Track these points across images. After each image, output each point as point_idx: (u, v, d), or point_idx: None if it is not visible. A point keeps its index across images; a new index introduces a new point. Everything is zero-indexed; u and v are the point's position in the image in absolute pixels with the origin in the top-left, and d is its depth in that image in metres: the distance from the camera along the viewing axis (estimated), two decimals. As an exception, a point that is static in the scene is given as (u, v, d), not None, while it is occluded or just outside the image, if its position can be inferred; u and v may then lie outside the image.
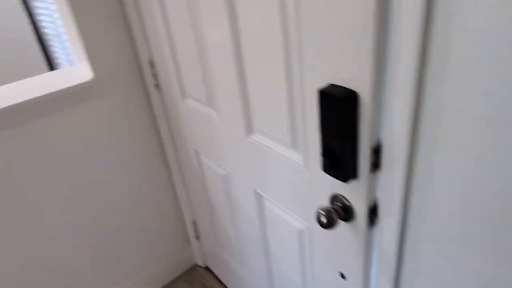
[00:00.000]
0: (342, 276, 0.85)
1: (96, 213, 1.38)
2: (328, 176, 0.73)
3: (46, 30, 2.59)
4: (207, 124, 1.12)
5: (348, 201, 0.71)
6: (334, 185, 0.73)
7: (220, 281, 1.67)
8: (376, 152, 0.63)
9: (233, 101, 0.93)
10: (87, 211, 1.35)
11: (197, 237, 1.67)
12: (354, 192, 0.69)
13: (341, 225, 0.76)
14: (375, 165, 0.65)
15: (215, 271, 1.69)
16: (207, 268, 1.74)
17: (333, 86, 0.62)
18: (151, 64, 1.28)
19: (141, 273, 1.60)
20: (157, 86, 1.32)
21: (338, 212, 0.72)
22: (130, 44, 1.28)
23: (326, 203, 0.78)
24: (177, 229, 1.65)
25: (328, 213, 0.69)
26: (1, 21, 2.36)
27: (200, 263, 1.75)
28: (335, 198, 0.74)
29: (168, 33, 1.09)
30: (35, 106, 1.15)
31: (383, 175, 0.64)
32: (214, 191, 1.31)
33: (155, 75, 1.30)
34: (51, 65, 2.75)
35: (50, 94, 1.15)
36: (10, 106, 1.09)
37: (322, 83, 0.65)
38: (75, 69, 1.33)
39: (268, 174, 0.94)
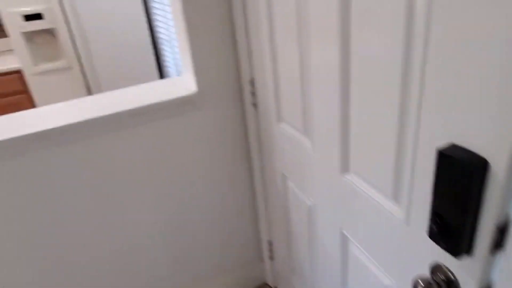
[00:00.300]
0: None
1: (180, 216, 1.44)
2: (433, 242, 0.64)
3: (160, 35, 2.82)
4: (299, 152, 1.09)
5: (454, 277, 0.62)
6: (438, 254, 0.64)
7: (287, 306, 1.62)
8: (502, 230, 0.54)
9: (331, 135, 0.89)
10: (172, 213, 1.42)
11: (271, 257, 1.65)
12: (463, 269, 0.60)
13: (441, 299, 0.66)
14: (497, 244, 0.55)
15: (284, 294, 1.65)
16: (276, 290, 1.71)
17: (456, 147, 0.54)
18: (252, 82, 1.30)
19: (212, 281, 1.63)
20: (255, 105, 1.33)
21: (440, 287, 0.63)
22: (234, 61, 1.31)
23: (425, 270, 0.69)
24: (252, 245, 1.65)
25: (428, 285, 0.61)
26: (122, 22, 2.62)
27: (270, 283, 1.72)
28: (437, 268, 0.65)
29: (273, 53, 1.08)
30: (141, 113, 1.23)
31: (505, 256, 0.54)
32: (296, 217, 1.27)
33: (254, 94, 1.31)
34: (160, 68, 2.98)
35: (157, 104, 1.23)
36: (120, 112, 1.19)
37: (442, 141, 0.57)
38: (180, 80, 1.40)
39: (359, 218, 0.88)
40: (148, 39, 2.75)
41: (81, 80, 2.62)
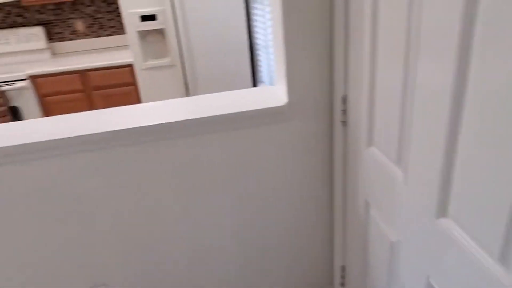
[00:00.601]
0: None
1: (254, 226, 1.43)
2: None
3: (257, 40, 2.88)
4: (388, 182, 1.00)
5: None
6: None
7: None
8: None
9: (430, 170, 0.78)
10: (247, 221, 1.42)
11: (342, 284, 1.55)
12: None
13: None
14: None
15: (351, 326, 1.54)
16: (343, 319, 1.60)
17: None
18: (344, 99, 1.23)
19: (277, 296, 1.59)
20: (344, 123, 1.26)
21: None
22: (328, 75, 1.26)
23: None
24: (323, 268, 1.58)
25: None
26: (224, 26, 2.73)
27: (337, 309, 1.63)
28: None
29: (372, 70, 1.00)
30: (232, 120, 1.25)
31: None
32: (376, 249, 1.17)
33: (344, 112, 1.24)
34: (254, 72, 3.05)
35: (248, 112, 1.24)
36: (213, 117, 1.22)
37: None
38: (272, 89, 1.39)
39: (453, 273, 0.76)
40: (245, 44, 2.82)
41: (181, 77, 2.80)
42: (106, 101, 2.97)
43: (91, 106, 2.97)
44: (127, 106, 1.36)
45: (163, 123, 1.20)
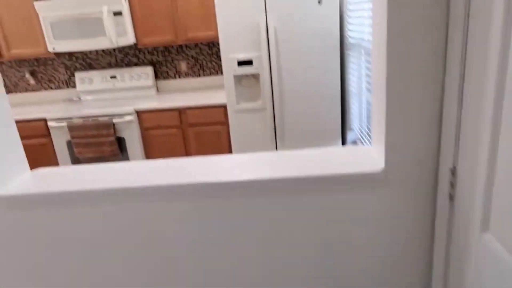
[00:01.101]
0: None
1: (337, 297, 1.32)
2: None
3: (350, 87, 2.81)
4: (508, 283, 0.83)
5: None
6: None
7: None
8: None
9: None
10: (329, 291, 1.32)
11: None
12: None
13: None
14: None
15: None
16: None
17: None
18: (453, 171, 1.10)
19: None
20: (451, 198, 1.11)
21: None
22: (435, 141, 1.14)
23: None
24: None
25: None
26: (318, 72, 2.73)
27: None
28: None
29: (493, 140, 0.87)
30: (318, 182, 1.19)
31: None
32: None
33: (452, 185, 1.10)
34: (343, 119, 2.97)
35: (339, 175, 1.17)
36: (298, 177, 1.18)
37: None
38: (366, 150, 1.31)
39: None
40: (338, 90, 2.78)
41: (271, 121, 2.84)
42: (198, 137, 3.14)
43: (185, 141, 3.16)
44: (219, 157, 1.39)
45: (250, 180, 1.19)
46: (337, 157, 1.28)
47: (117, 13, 3.07)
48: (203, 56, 3.55)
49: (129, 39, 3.13)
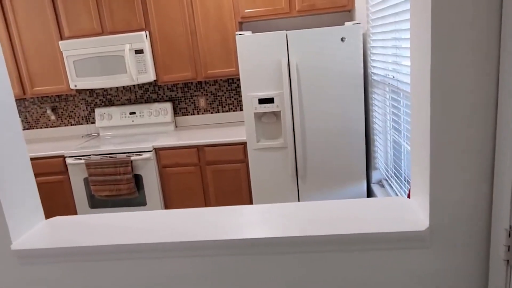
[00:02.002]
0: None
1: None
2: None
3: (374, 125, 2.71)
4: None
5: None
6: None
7: None
8: None
9: None
10: None
11: None
12: None
13: None
14: None
15: None
16: None
17: None
18: (509, 232, 0.97)
19: None
20: (508, 264, 0.98)
21: None
22: (488, 199, 1.02)
23: None
24: None
25: None
26: (341, 110, 2.64)
27: None
28: None
29: None
30: (351, 240, 1.08)
31: None
32: None
33: (509, 248, 0.97)
34: (368, 157, 2.85)
35: (375, 234, 1.05)
36: (328, 236, 1.07)
37: None
38: (405, 203, 1.19)
39: None
40: (362, 128, 2.68)
41: (292, 160, 2.74)
42: (217, 175, 3.06)
43: (203, 179, 3.08)
44: (239, 208, 1.29)
45: (274, 237, 1.08)
46: (372, 211, 1.17)
47: (139, 51, 3.10)
48: (223, 92, 3.53)
49: (150, 76, 3.14)
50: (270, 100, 2.66)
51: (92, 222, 1.29)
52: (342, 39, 2.50)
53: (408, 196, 1.63)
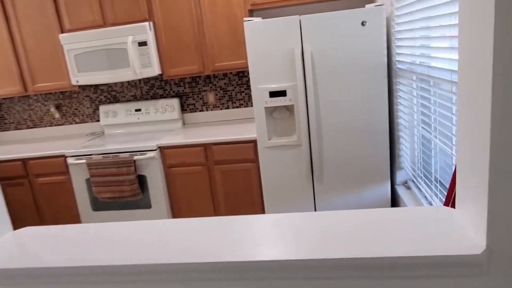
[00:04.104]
0: None
1: None
2: None
3: (400, 120, 2.43)
4: None
5: None
6: None
7: None
8: None
9: None
10: None
11: None
12: None
13: None
14: None
15: None
16: None
17: None
18: None
19: None
20: None
21: None
22: None
23: None
24: None
25: None
26: (363, 103, 2.37)
27: None
28: None
29: None
30: (386, 265, 0.82)
31: None
32: None
33: None
34: (392, 155, 2.57)
35: (416, 258, 0.80)
36: (358, 259, 0.82)
37: None
38: (445, 214, 0.93)
39: None
40: (385, 124, 2.40)
41: (307, 159, 2.49)
42: (225, 176, 2.83)
43: (211, 180, 2.86)
44: (251, 219, 1.05)
45: (284, 260, 0.84)
46: (407, 225, 0.91)
47: (142, 43, 2.90)
48: (233, 87, 3.30)
49: (154, 70, 2.94)
50: (282, 93, 2.41)
51: (69, 235, 1.08)
52: (362, 23, 2.23)
53: (446, 204, 1.35)
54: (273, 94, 2.41)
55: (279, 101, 2.42)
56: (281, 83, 2.40)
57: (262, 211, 2.86)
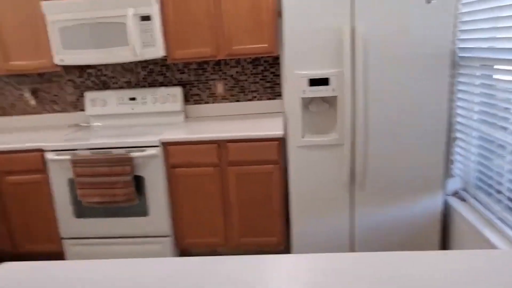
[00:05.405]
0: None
1: None
2: None
3: (458, 118, 2.07)
4: None
5: None
6: None
7: None
8: None
9: None
10: None
11: None
12: None
13: None
14: None
15: None
16: None
17: None
18: None
19: None
20: None
21: None
22: None
23: None
24: None
25: None
26: (415, 96, 1.99)
27: None
28: None
29: None
30: None
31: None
32: None
33: None
34: (446, 167, 2.20)
35: None
36: None
37: None
38: None
39: None
40: (443, 124, 2.02)
41: (348, 161, 2.08)
42: (241, 179, 2.37)
43: (223, 185, 2.39)
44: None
45: None
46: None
47: (145, 18, 2.40)
48: (246, 76, 2.85)
49: (158, 51, 2.44)
50: (324, 81, 1.99)
51: (58, 276, 0.61)
52: (428, 0, 1.85)
53: None
54: (313, 82, 1.99)
55: (320, 91, 2.00)
56: (323, 69, 1.98)
57: (284, 225, 2.42)
